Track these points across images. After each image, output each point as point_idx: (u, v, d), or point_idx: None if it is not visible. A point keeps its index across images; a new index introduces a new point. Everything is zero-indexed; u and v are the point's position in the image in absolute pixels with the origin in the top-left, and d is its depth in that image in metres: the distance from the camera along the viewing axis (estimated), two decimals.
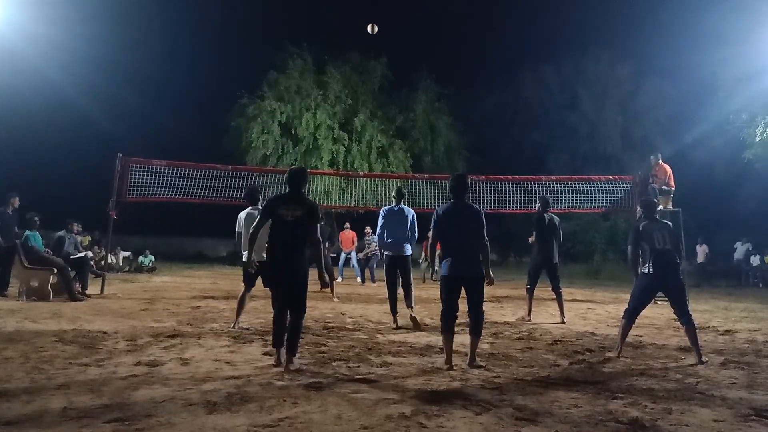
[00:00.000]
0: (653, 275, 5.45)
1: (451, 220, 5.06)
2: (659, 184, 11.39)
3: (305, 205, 4.81)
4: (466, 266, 4.98)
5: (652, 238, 5.52)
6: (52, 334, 5.79)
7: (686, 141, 22.48)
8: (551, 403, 3.82)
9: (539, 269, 8.18)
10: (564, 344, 6.18)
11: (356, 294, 11.49)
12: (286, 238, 4.72)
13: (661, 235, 5.52)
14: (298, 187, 4.90)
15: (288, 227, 4.72)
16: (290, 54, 23.55)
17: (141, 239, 21.68)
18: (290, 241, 4.73)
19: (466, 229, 5.01)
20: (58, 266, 9.00)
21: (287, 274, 4.76)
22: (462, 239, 5.00)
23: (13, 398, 3.57)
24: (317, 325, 7.10)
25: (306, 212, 4.75)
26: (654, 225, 5.63)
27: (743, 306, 10.66)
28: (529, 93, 28.00)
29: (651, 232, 5.56)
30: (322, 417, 3.39)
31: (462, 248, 5.00)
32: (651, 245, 5.50)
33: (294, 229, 4.72)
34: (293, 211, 4.73)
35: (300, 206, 4.76)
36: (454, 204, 5.15)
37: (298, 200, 4.83)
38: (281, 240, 4.74)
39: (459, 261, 4.98)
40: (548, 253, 8.06)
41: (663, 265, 5.43)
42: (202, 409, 3.46)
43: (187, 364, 4.71)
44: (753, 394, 4.20)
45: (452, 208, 5.13)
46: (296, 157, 22.70)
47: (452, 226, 5.05)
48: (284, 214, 4.73)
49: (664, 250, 5.46)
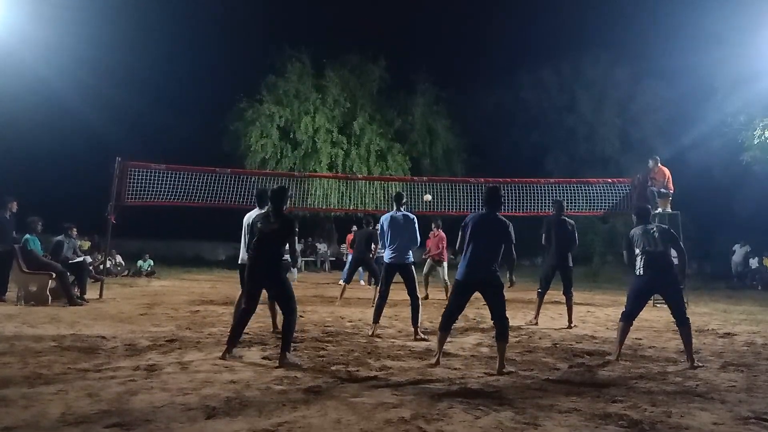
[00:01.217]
0: (644, 276, 5.53)
1: (478, 230, 5.16)
2: (658, 186, 11.40)
3: (281, 220, 5.26)
4: (481, 272, 5.08)
5: (642, 241, 5.62)
6: (51, 339, 5.78)
7: (684, 143, 22.48)
8: (551, 406, 3.82)
9: (552, 273, 8.17)
10: (563, 347, 6.19)
11: (356, 298, 11.48)
12: (264, 249, 5.22)
13: (652, 237, 5.60)
14: (276, 204, 5.34)
15: (266, 240, 5.21)
16: (288, 57, 23.55)
17: (140, 243, 21.63)
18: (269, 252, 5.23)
19: (490, 240, 5.13)
20: (57, 271, 8.98)
21: (271, 283, 5.33)
22: (484, 249, 5.10)
23: (12, 403, 3.56)
24: (316, 329, 7.10)
25: (281, 226, 5.22)
26: (645, 228, 5.73)
27: (742, 308, 10.67)
28: (527, 95, 27.99)
29: (641, 235, 5.67)
30: (322, 421, 3.39)
31: (481, 256, 5.09)
32: (641, 248, 5.60)
33: (271, 242, 5.22)
34: (271, 226, 5.22)
35: (277, 221, 5.24)
36: (485, 215, 5.29)
37: (276, 216, 5.28)
38: (260, 251, 5.23)
39: (474, 266, 5.09)
40: (562, 257, 8.06)
41: (653, 266, 5.49)
42: (201, 414, 3.45)
43: (186, 368, 4.70)
44: (752, 396, 4.20)
45: (483, 219, 5.25)
46: (295, 160, 22.70)
47: (478, 236, 5.14)
48: (263, 228, 5.23)
49: (655, 251, 5.53)
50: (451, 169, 24.98)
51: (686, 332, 5.40)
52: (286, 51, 23.69)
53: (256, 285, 5.34)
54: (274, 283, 5.34)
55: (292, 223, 5.38)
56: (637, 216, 6.02)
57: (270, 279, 5.29)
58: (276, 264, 5.27)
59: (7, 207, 9.46)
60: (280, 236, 5.23)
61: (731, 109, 17.66)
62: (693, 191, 18.92)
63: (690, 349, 5.36)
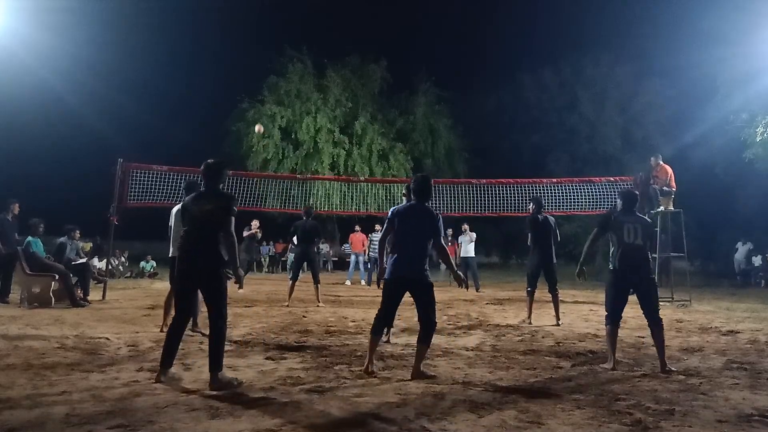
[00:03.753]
0: (619, 271, 5.14)
1: (405, 224, 4.77)
2: (660, 185, 11.38)
3: (216, 198, 4.45)
4: (407, 269, 4.69)
5: (622, 229, 5.16)
6: (55, 341, 5.79)
7: (686, 141, 22.44)
8: (554, 405, 3.82)
9: (538, 271, 8.11)
10: (566, 346, 6.18)
11: (359, 297, 11.48)
12: (197, 237, 4.37)
13: (633, 228, 5.15)
14: (211, 182, 4.56)
15: (198, 224, 4.38)
16: (290, 58, 23.60)
17: (142, 245, 21.68)
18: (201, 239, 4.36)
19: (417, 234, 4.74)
20: (60, 272, 8.99)
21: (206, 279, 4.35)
22: (411, 244, 4.73)
23: (16, 405, 3.57)
24: (319, 329, 7.10)
25: (216, 206, 4.38)
26: (628, 217, 5.26)
27: (745, 306, 10.64)
28: (528, 95, 27.96)
29: (623, 223, 5.19)
30: (325, 421, 3.39)
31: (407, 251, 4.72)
32: (619, 237, 5.15)
33: (204, 226, 4.37)
34: (203, 207, 4.39)
35: (210, 201, 4.41)
36: (413, 206, 4.89)
37: (210, 196, 4.49)
38: (192, 239, 4.39)
39: (401, 263, 4.71)
40: (545, 254, 8.00)
41: (630, 260, 5.09)
42: (205, 415, 3.46)
43: (190, 369, 4.70)
44: (756, 394, 4.19)
45: (409, 210, 4.86)
46: (297, 161, 22.75)
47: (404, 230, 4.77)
48: (194, 211, 4.41)
49: (633, 245, 5.12)
50: (453, 169, 25.03)
51: (659, 332, 5.04)
52: (288, 52, 23.74)
53: (188, 283, 4.47)
54: (209, 280, 4.33)
55: (231, 201, 4.46)
56: (623, 201, 5.43)
57: (205, 274, 4.34)
58: (213, 255, 4.32)
59: (9, 209, 9.48)
60: (216, 219, 4.35)
61: (733, 107, 17.63)
62: (695, 189, 18.90)
63: (662, 352, 5.00)
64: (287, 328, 7.12)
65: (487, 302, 10.93)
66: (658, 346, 5.05)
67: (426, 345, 4.66)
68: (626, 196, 5.49)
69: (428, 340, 4.66)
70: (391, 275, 4.74)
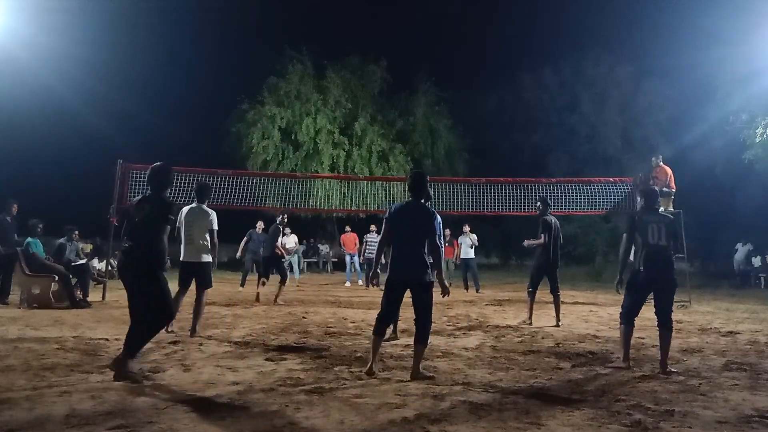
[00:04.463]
0: (644, 272, 5.06)
1: (401, 222, 4.74)
2: (660, 185, 11.36)
3: (157, 205, 4.54)
4: (406, 269, 4.65)
5: (646, 230, 5.08)
6: (54, 342, 5.79)
7: (686, 142, 22.48)
8: (554, 405, 3.82)
9: (544, 271, 8.07)
10: (566, 347, 6.18)
11: (358, 298, 11.48)
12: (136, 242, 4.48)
13: (657, 228, 5.07)
14: (156, 187, 4.65)
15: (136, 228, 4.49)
16: (290, 59, 23.58)
17: None
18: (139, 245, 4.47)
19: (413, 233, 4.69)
20: (60, 273, 8.99)
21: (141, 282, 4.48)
22: (408, 243, 4.68)
23: (16, 406, 3.57)
24: (319, 330, 7.10)
25: (152, 211, 4.48)
26: (652, 216, 5.18)
27: (745, 307, 10.64)
28: (528, 95, 28.00)
29: (647, 223, 5.10)
30: (325, 422, 3.39)
31: (405, 251, 4.68)
32: (644, 238, 5.07)
33: (141, 230, 4.48)
34: (142, 211, 4.49)
35: (149, 205, 4.52)
36: (408, 204, 4.83)
37: (152, 201, 4.58)
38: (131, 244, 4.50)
39: (399, 264, 4.67)
40: (554, 255, 7.96)
41: (655, 261, 5.03)
42: (204, 415, 3.45)
43: (189, 370, 4.70)
44: (756, 395, 4.19)
45: (405, 209, 4.80)
46: (297, 162, 22.74)
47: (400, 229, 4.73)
48: (134, 215, 4.51)
49: (658, 246, 5.04)
50: (453, 169, 25.00)
51: (667, 335, 5.00)
52: (287, 53, 23.72)
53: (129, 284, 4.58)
54: (145, 283, 4.47)
55: (168, 209, 4.55)
56: (645, 198, 5.36)
57: (140, 278, 4.47)
58: (148, 259, 4.45)
59: (9, 210, 9.48)
60: (152, 224, 4.45)
61: (733, 108, 17.65)
62: (695, 190, 18.92)
63: (665, 354, 4.98)
64: (287, 329, 7.12)
65: (486, 303, 10.93)
66: (663, 348, 5.02)
67: (423, 345, 4.64)
68: (647, 194, 5.41)
69: (425, 339, 4.63)
70: (392, 276, 4.72)
